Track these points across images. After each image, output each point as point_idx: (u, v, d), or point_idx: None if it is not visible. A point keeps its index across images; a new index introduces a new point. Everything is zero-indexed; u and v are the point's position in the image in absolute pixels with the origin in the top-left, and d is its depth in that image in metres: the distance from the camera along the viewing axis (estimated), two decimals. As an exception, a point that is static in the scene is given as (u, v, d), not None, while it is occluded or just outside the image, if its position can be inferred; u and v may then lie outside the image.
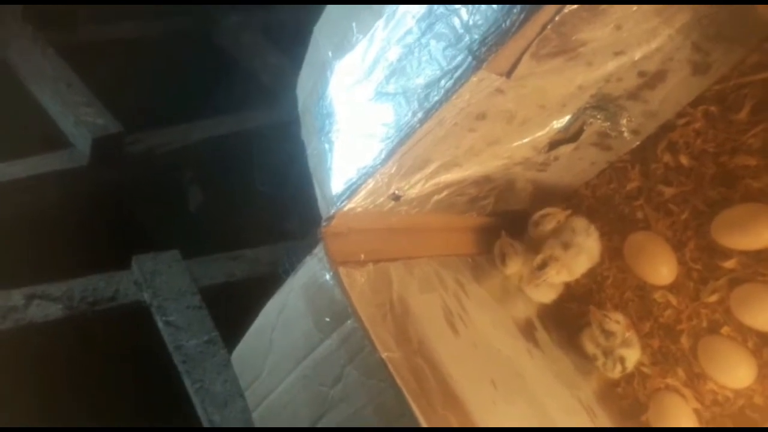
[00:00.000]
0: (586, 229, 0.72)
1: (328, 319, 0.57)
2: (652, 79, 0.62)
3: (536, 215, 0.74)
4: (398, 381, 0.53)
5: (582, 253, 0.71)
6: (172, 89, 1.25)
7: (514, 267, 0.73)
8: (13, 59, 1.11)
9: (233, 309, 0.80)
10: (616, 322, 0.70)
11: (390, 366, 0.53)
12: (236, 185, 1.22)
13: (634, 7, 0.50)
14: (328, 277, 0.58)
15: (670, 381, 0.71)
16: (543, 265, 0.70)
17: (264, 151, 1.19)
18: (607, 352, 0.70)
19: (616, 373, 0.71)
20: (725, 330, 0.69)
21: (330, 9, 0.62)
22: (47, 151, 1.05)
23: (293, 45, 0.76)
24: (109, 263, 0.96)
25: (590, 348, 0.72)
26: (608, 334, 0.70)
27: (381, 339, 0.55)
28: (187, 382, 0.85)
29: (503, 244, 0.73)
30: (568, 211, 0.74)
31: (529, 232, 0.75)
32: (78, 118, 1.04)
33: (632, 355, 0.71)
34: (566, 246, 0.71)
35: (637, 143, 0.73)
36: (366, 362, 0.54)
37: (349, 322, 0.56)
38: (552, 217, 0.74)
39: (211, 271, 0.99)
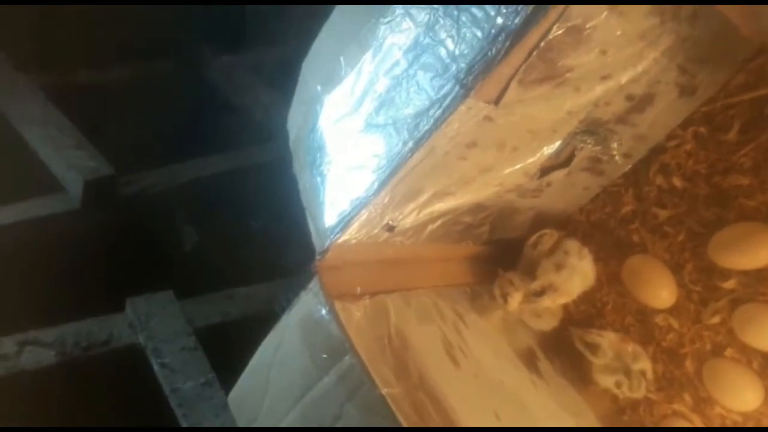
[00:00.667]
0: (579, 252, 0.71)
1: (325, 356, 0.56)
2: (640, 103, 0.62)
3: (534, 237, 0.74)
4: (399, 417, 0.51)
5: (575, 275, 0.71)
6: (165, 129, 1.25)
7: (516, 303, 0.72)
8: (1, 103, 1.11)
9: (230, 349, 0.79)
10: (598, 335, 0.69)
11: (391, 402, 0.52)
12: (230, 223, 1.22)
13: (618, 31, 0.51)
14: (324, 312, 0.57)
15: (676, 407, 0.70)
16: (540, 293, 0.69)
17: (258, 188, 1.19)
18: (628, 374, 0.69)
19: (642, 390, 0.69)
20: (729, 352, 0.68)
21: (318, 44, 0.63)
22: (38, 196, 1.05)
23: (285, 82, 0.77)
24: (103, 307, 0.95)
25: (606, 380, 0.70)
26: (593, 348, 0.69)
27: (380, 374, 0.54)
28: (184, 426, 0.83)
29: (502, 283, 0.72)
30: (563, 232, 0.74)
31: (525, 254, 0.74)
32: (69, 161, 1.04)
33: (647, 364, 0.70)
34: (559, 267, 0.70)
35: (629, 167, 0.73)
36: (366, 399, 0.53)
37: (347, 357, 0.55)
38: (549, 237, 0.73)
39: (206, 311, 0.98)
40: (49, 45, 1.24)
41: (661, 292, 0.71)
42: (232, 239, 1.22)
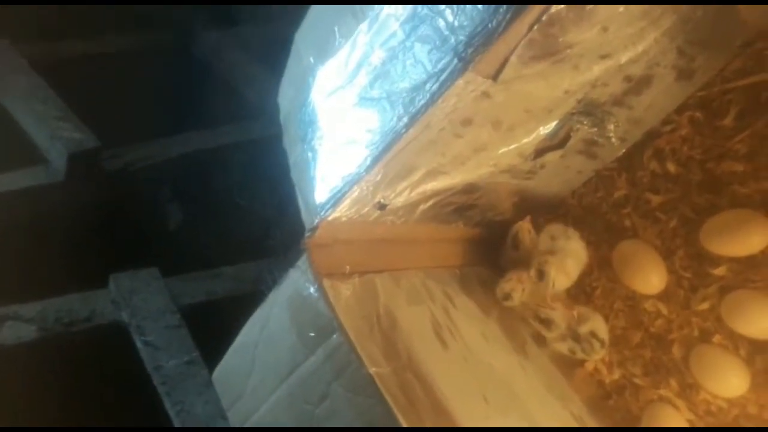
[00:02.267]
0: (565, 233, 0.71)
1: (312, 334, 0.55)
2: (637, 85, 0.62)
3: (509, 238, 0.72)
4: (387, 397, 0.51)
5: (568, 256, 0.70)
6: (152, 104, 1.23)
7: (518, 298, 0.70)
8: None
9: (214, 328, 0.78)
10: (552, 309, 0.68)
11: (378, 382, 0.51)
12: (217, 201, 1.20)
13: (621, 8, 0.50)
14: (312, 290, 0.56)
15: (662, 392, 0.70)
16: (541, 274, 0.68)
17: (245, 166, 1.17)
18: (576, 338, 0.68)
19: (600, 351, 0.69)
20: (717, 338, 0.68)
21: (311, 14, 0.61)
22: (21, 168, 1.02)
23: (274, 58, 0.75)
24: (86, 282, 0.93)
25: (563, 347, 0.70)
26: (548, 323, 0.68)
27: (368, 353, 0.53)
28: (167, 404, 0.82)
29: (504, 284, 0.70)
30: (526, 219, 0.72)
31: (508, 255, 0.73)
32: (53, 133, 1.01)
33: (597, 324, 0.69)
34: (550, 253, 0.69)
35: (623, 151, 0.72)
36: (353, 378, 0.52)
37: (334, 336, 0.54)
38: (525, 232, 0.72)
39: (191, 289, 0.96)
40: (35, 15, 1.21)
41: (651, 277, 0.71)
42: (218, 217, 1.20)
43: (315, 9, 0.61)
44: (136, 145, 1.10)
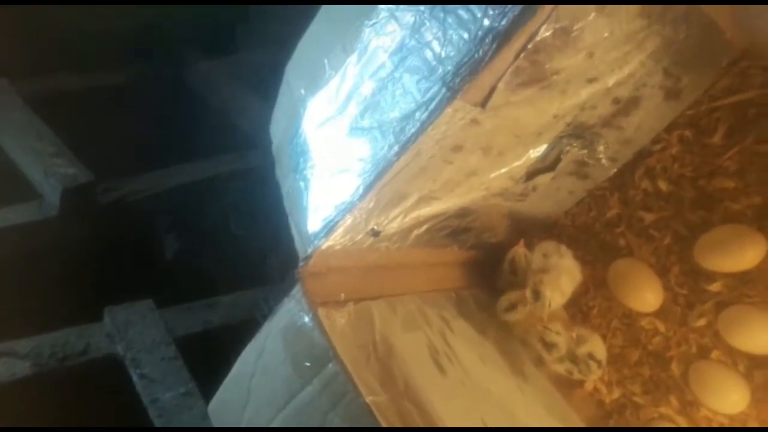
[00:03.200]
0: (557, 250, 0.71)
1: (308, 364, 0.55)
2: (626, 106, 0.62)
3: (506, 263, 0.73)
4: (384, 426, 0.50)
5: (562, 274, 0.69)
6: (146, 135, 1.23)
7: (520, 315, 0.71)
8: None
9: (211, 358, 0.77)
10: (557, 333, 0.68)
11: (375, 411, 0.51)
12: (212, 230, 1.20)
13: (606, 33, 0.51)
14: (307, 319, 0.56)
15: (663, 410, 0.70)
16: (537, 294, 0.68)
17: (240, 195, 1.17)
18: (574, 359, 0.68)
19: (597, 372, 0.69)
20: (715, 354, 0.68)
21: (301, 47, 0.62)
22: (15, 204, 1.02)
23: (267, 87, 0.75)
24: (82, 317, 0.93)
25: (560, 368, 0.70)
26: (550, 346, 0.68)
27: (365, 382, 0.52)
28: (165, 438, 0.81)
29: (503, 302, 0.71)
30: (520, 243, 0.73)
31: (506, 279, 0.73)
32: (47, 169, 1.01)
33: (595, 346, 0.69)
34: (543, 271, 0.69)
35: (615, 171, 0.73)
36: (350, 408, 0.52)
37: (330, 365, 0.53)
38: (520, 256, 0.72)
39: (186, 319, 0.96)
40: (29, 50, 1.22)
41: (647, 295, 0.71)
42: (214, 246, 1.20)
43: (305, 41, 0.62)
44: (130, 177, 1.11)
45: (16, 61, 1.20)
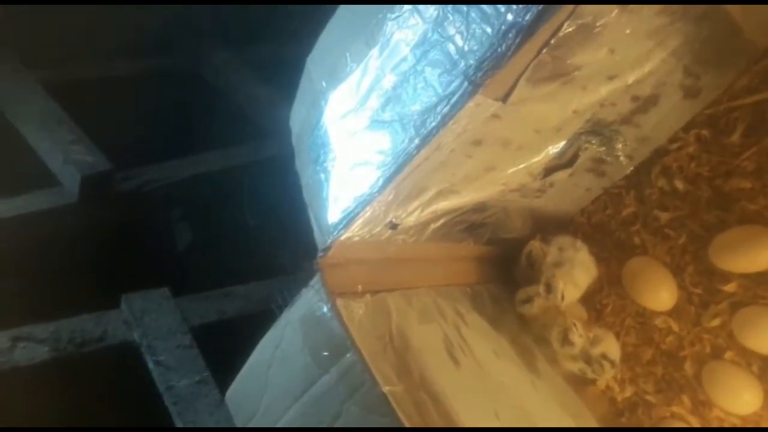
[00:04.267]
0: (573, 245, 0.71)
1: (326, 353, 0.55)
2: (645, 104, 0.62)
3: (523, 257, 0.73)
4: (401, 416, 0.51)
5: (576, 267, 0.70)
6: (162, 126, 1.24)
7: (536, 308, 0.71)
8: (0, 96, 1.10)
9: (225, 347, 0.78)
10: (579, 336, 0.68)
11: (392, 400, 0.51)
12: (227, 221, 1.21)
13: (628, 30, 0.51)
14: (325, 309, 0.56)
15: (675, 409, 0.70)
16: (549, 287, 0.68)
17: (254, 186, 1.18)
18: (588, 360, 0.69)
19: (610, 372, 0.69)
20: (729, 355, 0.68)
21: (323, 39, 0.62)
22: (35, 190, 1.04)
23: (283, 79, 0.76)
24: (99, 303, 0.94)
25: (573, 367, 0.70)
26: (568, 343, 0.68)
27: (382, 373, 0.53)
28: (179, 424, 0.82)
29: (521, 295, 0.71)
30: (537, 237, 0.73)
31: (524, 273, 0.73)
32: (67, 156, 1.02)
33: (610, 346, 0.69)
34: (558, 265, 0.70)
35: (631, 169, 0.73)
36: (367, 397, 0.52)
37: (348, 355, 0.54)
38: (537, 250, 0.73)
39: (201, 309, 0.97)
40: (49, 40, 1.23)
41: (661, 294, 0.71)
42: (228, 237, 1.21)
43: (326, 34, 0.62)
44: (147, 166, 1.12)
45: (37, 49, 1.21)
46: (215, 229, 1.24)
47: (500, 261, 0.76)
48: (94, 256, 1.06)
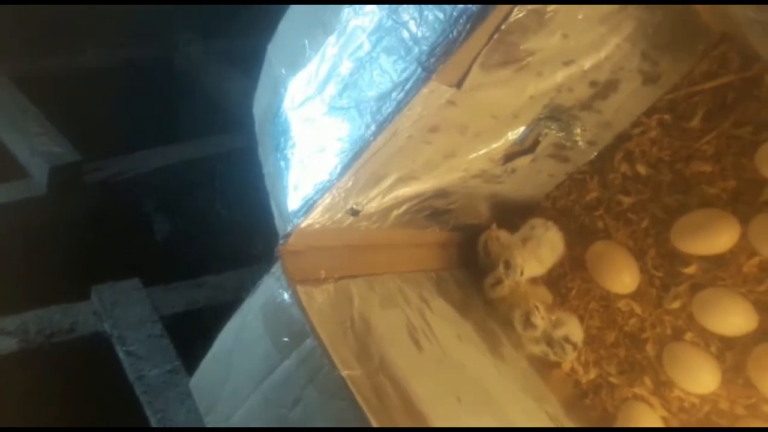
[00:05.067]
0: (544, 224, 0.72)
1: (286, 339, 0.56)
2: (604, 89, 0.63)
3: (480, 246, 0.74)
4: (359, 399, 0.51)
5: (542, 245, 0.71)
6: (133, 117, 1.23)
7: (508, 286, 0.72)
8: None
9: (196, 337, 0.78)
10: (542, 318, 0.69)
11: (350, 384, 0.52)
12: (199, 211, 1.21)
13: (580, 15, 0.51)
14: (286, 296, 0.57)
15: (637, 390, 0.71)
16: (507, 264, 0.69)
17: (227, 176, 1.18)
18: (549, 342, 0.69)
19: (572, 354, 0.70)
20: (689, 336, 0.69)
21: (282, 27, 0.62)
22: (2, 182, 1.03)
23: (255, 70, 0.76)
24: (69, 296, 0.94)
25: (536, 349, 0.71)
26: (530, 325, 0.69)
27: (341, 357, 0.54)
28: (149, 413, 0.82)
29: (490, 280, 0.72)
30: (492, 227, 0.74)
31: (482, 261, 0.74)
32: (34, 148, 1.02)
33: (572, 328, 0.70)
34: (525, 241, 0.71)
35: (595, 154, 0.74)
36: (326, 382, 0.53)
37: (308, 341, 0.54)
38: (492, 240, 0.73)
39: (173, 299, 0.97)
40: (18, 30, 1.22)
41: (623, 277, 0.72)
42: (202, 227, 1.20)
43: (286, 22, 0.62)
44: (117, 157, 1.11)
45: (3, 40, 1.20)
46: (189, 220, 1.23)
47: (466, 247, 0.76)
48: (64, 248, 1.06)
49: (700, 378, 0.67)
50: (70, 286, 0.95)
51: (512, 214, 0.76)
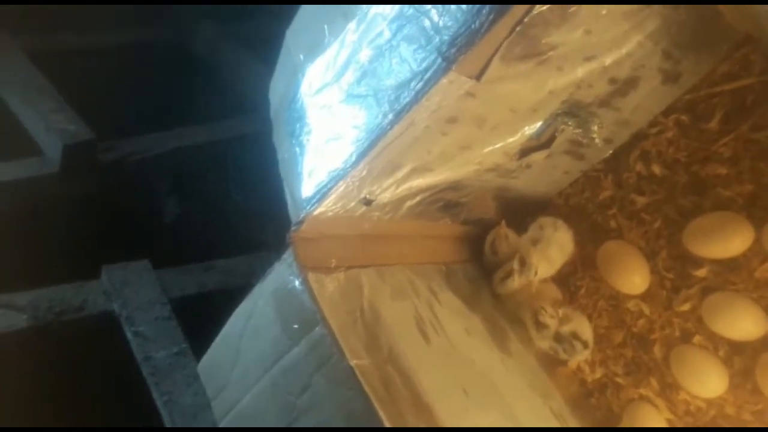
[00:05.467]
0: (553, 224, 0.72)
1: (296, 326, 0.56)
2: (623, 86, 0.62)
3: (487, 244, 0.74)
4: (367, 389, 0.51)
5: (552, 245, 0.71)
6: (148, 98, 1.24)
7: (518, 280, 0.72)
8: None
9: (205, 321, 0.78)
10: (551, 317, 0.69)
11: (359, 374, 0.52)
12: (212, 195, 1.21)
13: (604, 10, 0.51)
14: (297, 283, 0.57)
15: (643, 391, 0.71)
16: (523, 262, 0.69)
17: (240, 161, 1.18)
18: (558, 339, 0.69)
19: (582, 353, 0.70)
20: (697, 339, 0.68)
21: (302, 12, 0.62)
22: (17, 158, 1.03)
23: (270, 54, 0.76)
24: (80, 274, 0.94)
25: (545, 345, 0.71)
26: (541, 326, 0.69)
27: (350, 346, 0.54)
28: (156, 395, 0.83)
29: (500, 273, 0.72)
30: (501, 225, 0.73)
31: (488, 259, 0.74)
32: (49, 125, 1.02)
33: (580, 325, 0.70)
34: (535, 241, 0.70)
35: (610, 152, 0.73)
36: (334, 370, 0.53)
37: (317, 328, 0.55)
38: (500, 238, 0.73)
39: (182, 281, 0.97)
40: (35, 8, 1.22)
41: (634, 277, 0.72)
42: (213, 211, 1.21)
43: (305, 8, 0.62)
44: (131, 138, 1.11)
45: (23, 18, 1.20)
46: (201, 203, 1.24)
47: (477, 240, 0.76)
48: (76, 226, 1.06)
49: (707, 382, 0.67)
50: (80, 263, 0.96)
51: (523, 211, 0.76)
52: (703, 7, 0.58)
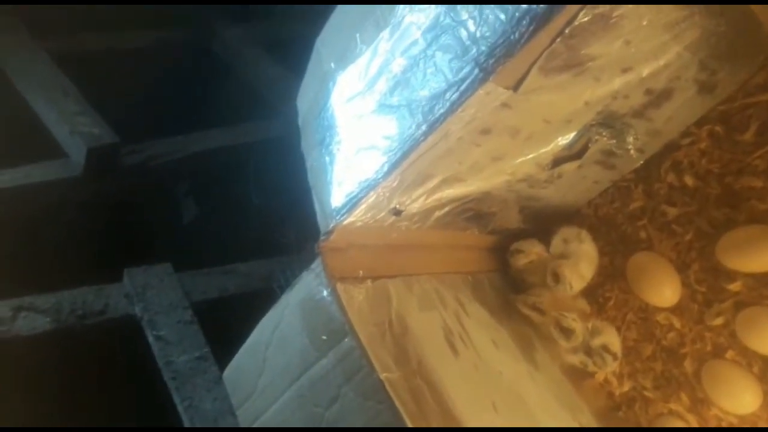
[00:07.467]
0: (578, 236, 0.71)
1: (324, 337, 0.55)
2: (658, 98, 0.61)
3: (512, 254, 0.73)
4: (397, 403, 0.51)
5: (582, 259, 0.70)
6: (171, 101, 1.24)
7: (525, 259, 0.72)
8: (8, 66, 1.10)
9: (226, 324, 0.78)
10: (573, 320, 0.68)
11: (388, 387, 0.51)
12: (232, 198, 1.21)
13: (645, 21, 0.50)
14: (325, 293, 0.56)
15: (673, 406, 0.70)
16: (556, 277, 0.68)
17: (260, 165, 1.17)
18: (588, 351, 0.68)
19: (612, 365, 0.69)
20: (730, 354, 0.67)
21: (333, 20, 0.62)
22: (41, 161, 1.04)
23: (294, 58, 0.75)
24: (101, 276, 0.94)
25: (574, 359, 0.70)
26: (568, 333, 0.68)
27: (379, 359, 0.53)
28: (176, 399, 0.82)
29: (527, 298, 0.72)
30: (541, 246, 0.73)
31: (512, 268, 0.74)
32: (73, 128, 1.02)
33: (610, 338, 0.70)
34: (563, 257, 0.70)
35: (641, 162, 0.72)
36: (364, 383, 0.52)
37: (346, 340, 0.54)
38: (523, 255, 0.72)
39: (203, 285, 0.97)
40: (59, 10, 1.22)
41: (664, 290, 0.70)
42: (233, 214, 1.21)
43: (337, 15, 0.61)
44: (154, 141, 1.11)
45: (46, 20, 1.20)
46: (220, 206, 1.24)
47: (502, 250, 0.75)
48: (98, 229, 1.06)
49: (740, 397, 0.66)
50: (102, 266, 0.96)
51: (553, 221, 0.75)
52: (742, 17, 0.57)
